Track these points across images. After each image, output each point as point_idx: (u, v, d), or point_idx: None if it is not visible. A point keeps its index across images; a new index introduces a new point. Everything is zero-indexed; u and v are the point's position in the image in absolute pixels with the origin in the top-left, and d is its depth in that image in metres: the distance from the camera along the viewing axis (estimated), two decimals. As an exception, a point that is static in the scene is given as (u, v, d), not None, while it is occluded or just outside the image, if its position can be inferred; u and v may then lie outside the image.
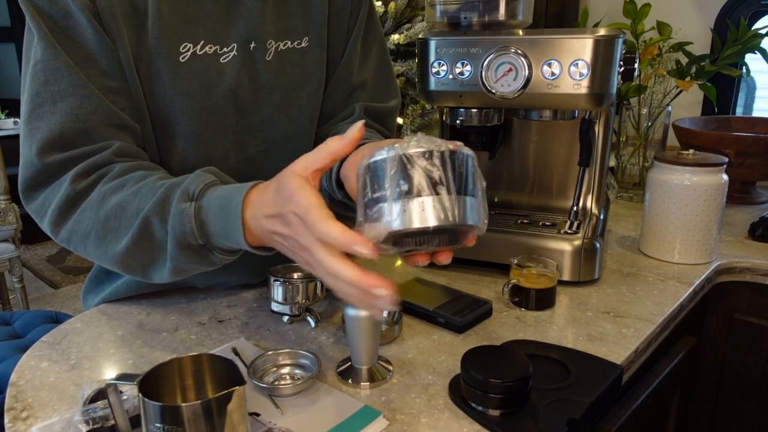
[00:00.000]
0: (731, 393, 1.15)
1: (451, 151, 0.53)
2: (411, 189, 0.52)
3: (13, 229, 2.43)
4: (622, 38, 0.87)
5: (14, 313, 1.57)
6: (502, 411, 0.62)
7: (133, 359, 0.75)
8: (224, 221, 0.63)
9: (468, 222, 0.53)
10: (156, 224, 0.67)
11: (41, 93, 0.72)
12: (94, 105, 0.73)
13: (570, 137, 1.05)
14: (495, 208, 1.11)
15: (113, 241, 0.70)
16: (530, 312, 0.87)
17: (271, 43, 0.85)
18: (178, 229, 0.65)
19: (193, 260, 0.68)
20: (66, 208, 0.72)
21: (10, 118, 4.01)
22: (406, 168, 0.52)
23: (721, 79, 1.57)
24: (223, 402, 0.50)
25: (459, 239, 0.57)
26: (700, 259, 1.04)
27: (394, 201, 0.52)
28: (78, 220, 0.72)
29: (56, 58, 0.71)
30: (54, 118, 0.72)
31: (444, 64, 0.93)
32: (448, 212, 0.52)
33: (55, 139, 0.72)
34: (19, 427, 0.62)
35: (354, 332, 0.68)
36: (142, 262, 0.71)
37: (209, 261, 0.68)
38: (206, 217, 0.65)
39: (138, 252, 0.69)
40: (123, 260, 0.70)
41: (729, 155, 1.24)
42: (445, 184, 0.52)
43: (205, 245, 0.66)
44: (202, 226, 0.65)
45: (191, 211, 0.65)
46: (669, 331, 0.88)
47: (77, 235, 0.72)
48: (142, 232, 0.68)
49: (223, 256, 0.68)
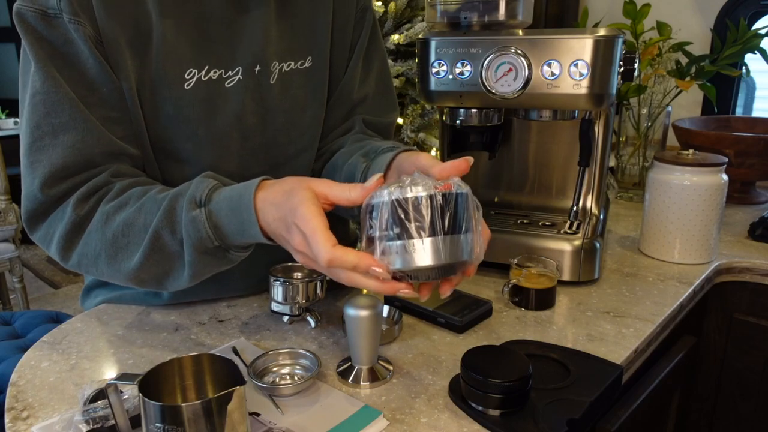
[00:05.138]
0: (731, 393, 1.15)
1: (442, 193, 0.57)
2: (402, 233, 0.56)
3: (13, 229, 2.43)
4: (622, 38, 0.87)
5: (14, 313, 1.57)
6: (502, 411, 0.62)
7: (133, 359, 0.75)
8: (238, 220, 0.64)
9: (461, 258, 0.58)
10: (167, 236, 0.68)
11: (42, 126, 0.71)
12: (96, 137, 0.72)
13: (570, 137, 1.05)
14: (495, 208, 1.11)
15: (125, 259, 0.70)
16: (530, 312, 0.87)
17: (275, 65, 0.84)
18: (195, 237, 0.66)
19: (212, 263, 0.69)
20: (72, 233, 0.72)
21: (11, 118, 4.01)
22: (397, 213, 0.56)
23: (721, 79, 1.57)
24: (223, 402, 0.51)
25: (456, 271, 0.60)
26: (699, 259, 1.04)
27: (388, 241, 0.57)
28: (86, 243, 0.72)
29: (57, 90, 0.71)
30: (56, 151, 0.71)
31: (444, 64, 0.93)
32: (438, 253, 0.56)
33: (57, 173, 0.71)
34: (20, 426, 0.62)
35: (354, 332, 0.68)
36: (156, 275, 0.71)
37: (227, 260, 0.69)
38: (219, 219, 0.66)
39: (151, 266, 0.70)
40: (137, 275, 0.71)
41: (729, 155, 1.24)
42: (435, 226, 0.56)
43: (221, 246, 0.67)
44: (217, 228, 0.66)
45: (203, 217, 0.66)
46: (669, 331, 0.88)
47: (87, 258, 0.72)
48: (153, 246, 0.68)
49: (239, 253, 0.69)
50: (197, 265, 0.68)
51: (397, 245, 0.56)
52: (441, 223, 0.56)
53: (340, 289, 0.94)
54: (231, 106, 0.81)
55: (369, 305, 0.67)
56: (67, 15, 0.69)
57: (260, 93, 0.83)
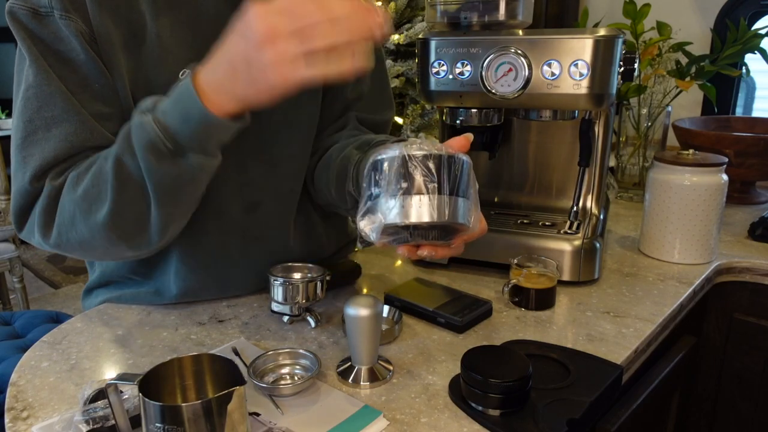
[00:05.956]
0: (731, 393, 1.15)
1: (449, 155, 0.59)
2: (410, 187, 0.58)
3: (13, 229, 2.43)
4: (622, 38, 0.87)
5: (14, 313, 1.57)
6: (502, 411, 0.62)
7: (133, 359, 0.75)
8: (180, 106, 0.63)
9: (459, 221, 0.60)
10: (128, 160, 0.67)
11: (34, 119, 0.71)
12: (88, 131, 0.72)
13: (570, 137, 1.05)
14: (495, 208, 1.11)
15: (98, 208, 0.69)
16: (530, 312, 0.87)
17: None
18: (144, 139, 0.65)
19: (171, 172, 0.66)
20: (48, 207, 0.72)
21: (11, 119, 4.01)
22: (407, 167, 0.58)
23: (721, 79, 1.57)
24: (223, 402, 0.51)
25: (450, 236, 0.62)
26: (699, 259, 1.04)
27: (394, 197, 0.58)
28: (61, 212, 0.71)
29: (49, 83, 0.70)
30: (48, 144, 0.71)
31: (444, 64, 0.93)
32: (441, 210, 0.58)
33: (48, 166, 0.71)
34: (20, 426, 0.62)
35: (354, 332, 0.68)
36: (133, 217, 0.69)
37: (188, 168, 0.66)
38: (164, 116, 0.64)
39: (124, 204, 0.68)
40: (114, 222, 0.69)
41: (729, 155, 1.24)
42: (441, 184, 0.58)
43: (175, 150, 0.65)
44: (165, 127, 0.64)
45: (149, 119, 0.65)
46: (669, 331, 0.88)
47: (65, 226, 0.72)
48: (118, 178, 0.67)
49: (198, 157, 0.66)
50: (156, 175, 0.66)
51: (402, 199, 0.58)
52: (447, 183, 0.58)
53: (340, 289, 0.94)
54: None
55: (369, 305, 0.67)
56: (58, 12, 0.70)
57: None
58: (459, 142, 0.63)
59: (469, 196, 0.61)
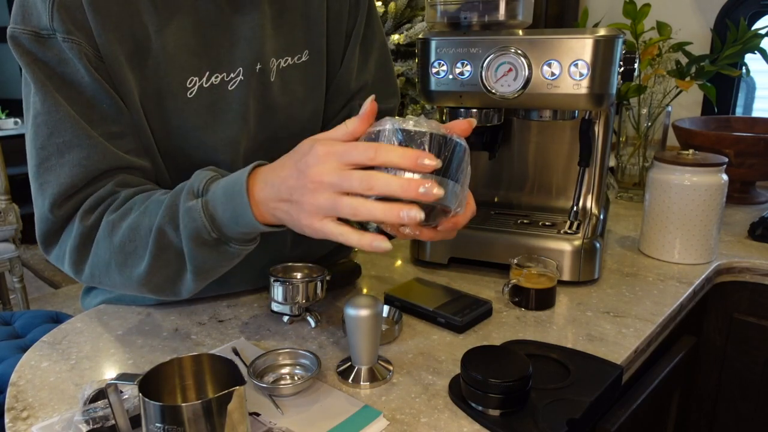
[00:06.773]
0: (731, 393, 1.15)
1: (443, 135, 0.58)
2: None
3: (13, 229, 2.43)
4: (622, 38, 0.87)
5: (14, 313, 1.57)
6: (502, 411, 0.62)
7: (133, 359, 0.75)
8: (232, 206, 0.64)
9: (445, 203, 0.58)
10: (170, 232, 0.67)
11: (47, 146, 0.71)
12: (101, 153, 0.72)
13: (570, 137, 1.05)
14: (495, 208, 1.11)
15: (134, 264, 0.70)
16: (530, 312, 0.87)
17: (273, 61, 0.84)
18: (191, 227, 0.66)
19: (212, 257, 0.68)
20: (81, 246, 0.72)
21: (11, 118, 4.01)
22: (400, 142, 0.57)
23: (721, 79, 1.57)
24: (223, 402, 0.51)
25: (436, 219, 0.61)
26: (699, 259, 1.04)
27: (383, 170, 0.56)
28: (95, 254, 0.72)
29: (57, 109, 0.70)
30: (63, 170, 0.71)
31: (444, 64, 0.93)
32: None
33: (65, 192, 0.71)
34: (20, 426, 0.62)
35: (354, 332, 0.68)
36: (167, 277, 0.71)
37: (228, 255, 0.68)
38: (215, 208, 0.65)
39: (161, 267, 0.69)
40: (149, 280, 0.70)
41: (729, 155, 1.24)
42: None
43: (219, 239, 0.67)
44: (213, 218, 0.65)
45: (199, 207, 0.65)
46: (669, 331, 0.88)
47: (98, 269, 0.72)
48: (159, 245, 0.68)
49: (240, 247, 0.68)
50: (197, 260, 0.68)
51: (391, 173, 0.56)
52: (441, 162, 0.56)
53: (340, 289, 0.94)
54: (235, 108, 0.81)
55: (369, 305, 0.67)
56: (61, 35, 0.69)
57: (262, 91, 0.83)
58: (460, 126, 0.62)
59: (458, 180, 0.59)
